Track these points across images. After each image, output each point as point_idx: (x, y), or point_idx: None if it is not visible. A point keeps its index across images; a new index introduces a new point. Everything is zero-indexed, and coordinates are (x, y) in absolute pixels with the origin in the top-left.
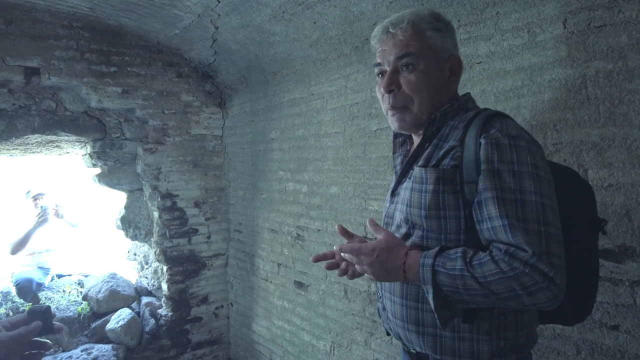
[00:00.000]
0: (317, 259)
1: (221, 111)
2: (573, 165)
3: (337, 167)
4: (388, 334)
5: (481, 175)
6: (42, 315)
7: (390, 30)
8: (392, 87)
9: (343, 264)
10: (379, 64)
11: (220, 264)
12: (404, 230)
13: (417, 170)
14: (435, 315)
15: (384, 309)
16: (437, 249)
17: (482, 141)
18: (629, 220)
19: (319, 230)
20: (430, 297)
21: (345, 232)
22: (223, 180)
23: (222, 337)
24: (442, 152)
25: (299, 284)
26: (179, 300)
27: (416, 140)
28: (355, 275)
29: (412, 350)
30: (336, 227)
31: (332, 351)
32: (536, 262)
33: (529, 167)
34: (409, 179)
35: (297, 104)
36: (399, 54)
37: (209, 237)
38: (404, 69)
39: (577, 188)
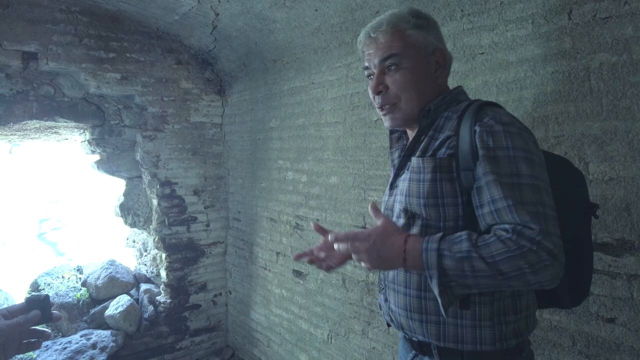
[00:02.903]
0: (298, 257)
1: (221, 99)
2: (574, 158)
3: (337, 157)
4: (389, 325)
5: (479, 161)
6: (41, 304)
7: (372, 35)
8: (380, 88)
9: (322, 254)
10: (367, 68)
11: (219, 252)
12: (402, 220)
13: (414, 161)
14: (439, 300)
15: (385, 300)
16: (439, 234)
17: (477, 129)
18: (628, 214)
19: (318, 219)
20: (434, 282)
21: (320, 229)
22: (222, 169)
23: (220, 325)
24: (437, 142)
25: (298, 273)
26: (178, 287)
27: (411, 134)
28: (330, 267)
29: (413, 339)
30: (312, 225)
31: (330, 340)
32: (542, 240)
33: (523, 152)
34: (407, 170)
35: (298, 92)
36: (382, 57)
37: (208, 225)
38: (389, 69)
39: (568, 174)
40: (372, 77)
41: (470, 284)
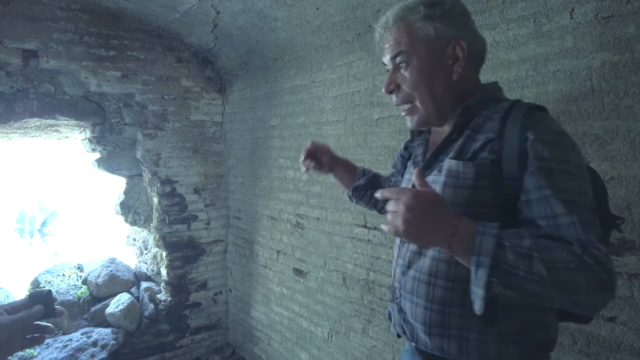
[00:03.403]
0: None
1: (221, 97)
2: None
3: None
4: (399, 336)
5: (531, 171)
6: (44, 299)
7: (381, 32)
8: (391, 87)
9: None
10: (384, 63)
11: (219, 250)
12: None
13: (452, 164)
14: (480, 293)
15: (400, 311)
16: (496, 224)
17: (530, 136)
18: (629, 213)
19: (318, 218)
20: (483, 272)
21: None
22: (223, 167)
23: (220, 323)
24: (477, 144)
25: (298, 271)
26: (178, 285)
27: (435, 132)
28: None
29: (427, 351)
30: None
31: (330, 338)
32: (608, 264)
33: (578, 167)
34: (438, 172)
35: (298, 91)
36: (392, 54)
37: (208, 224)
38: (400, 66)
39: (597, 186)
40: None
41: (515, 285)
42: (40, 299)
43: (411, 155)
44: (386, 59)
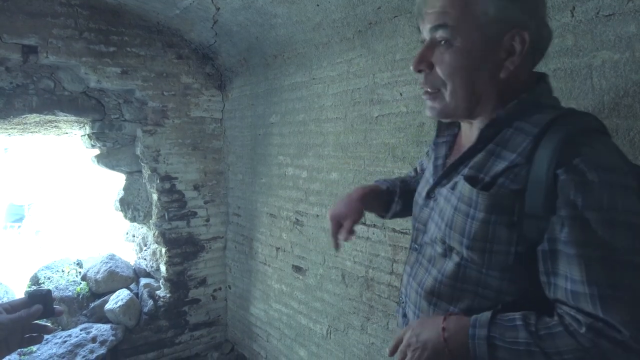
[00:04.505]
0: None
1: (221, 94)
2: None
3: (338, 153)
4: None
5: (559, 219)
6: (43, 299)
7: None
8: (421, 66)
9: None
10: (419, 30)
11: (218, 247)
12: (439, 250)
13: (466, 188)
14: None
15: (403, 315)
16: (488, 315)
17: (562, 176)
18: None
19: (317, 215)
20: None
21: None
22: (222, 164)
23: (219, 319)
24: (500, 166)
25: (297, 268)
26: (177, 282)
27: (465, 127)
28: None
29: None
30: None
31: (329, 335)
32: (635, 344)
33: (625, 215)
34: (452, 188)
35: (298, 88)
36: (432, 24)
37: (207, 220)
38: (441, 44)
39: None
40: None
41: None
42: (40, 299)
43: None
44: (425, 27)
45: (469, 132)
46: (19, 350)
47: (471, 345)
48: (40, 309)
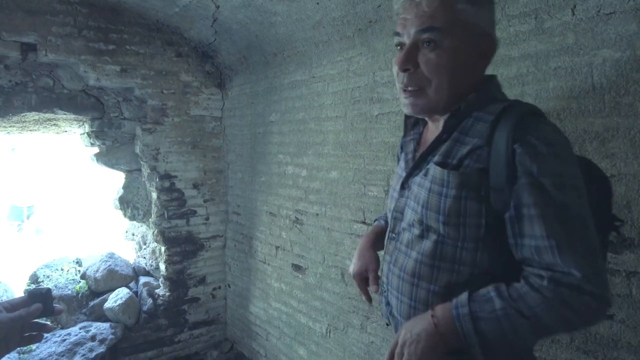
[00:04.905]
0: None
1: (220, 92)
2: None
3: (337, 152)
4: (388, 325)
5: (519, 187)
6: (43, 298)
7: None
8: (408, 65)
9: None
10: (398, 34)
11: (218, 245)
12: (417, 231)
13: (437, 171)
14: None
15: (387, 304)
16: (465, 295)
17: (518, 149)
18: (629, 211)
19: (317, 214)
20: (477, 350)
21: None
22: (222, 162)
23: (219, 318)
24: (464, 149)
25: (297, 267)
26: (177, 280)
27: (432, 127)
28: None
29: None
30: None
31: (329, 334)
32: (586, 285)
33: (571, 178)
34: (424, 174)
35: (298, 86)
36: (421, 27)
37: (207, 219)
38: (425, 45)
39: (596, 183)
40: (401, 47)
41: (514, 342)
42: (39, 297)
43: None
44: (409, 29)
45: (435, 128)
46: (18, 349)
47: (458, 324)
48: (39, 308)
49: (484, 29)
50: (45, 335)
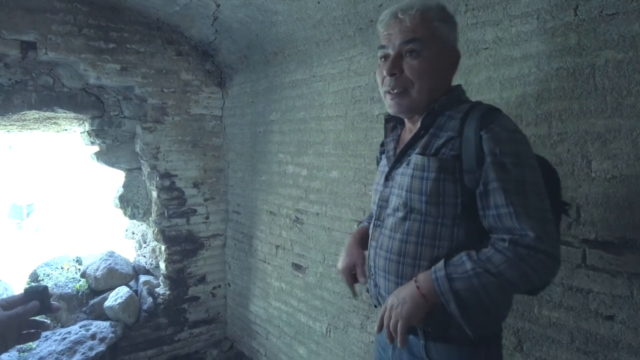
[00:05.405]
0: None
1: (221, 91)
2: (577, 155)
3: (338, 151)
4: (376, 306)
5: (485, 166)
6: (40, 295)
7: (399, 15)
8: (395, 70)
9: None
10: (383, 47)
11: (218, 244)
12: (401, 214)
13: (418, 158)
14: (462, 322)
15: (375, 285)
16: (442, 261)
17: (484, 135)
18: (630, 212)
19: (317, 214)
20: (454, 307)
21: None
22: (222, 161)
23: (219, 317)
24: (440, 141)
25: (297, 266)
26: (177, 279)
27: (409, 126)
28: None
29: None
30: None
31: (329, 333)
32: (540, 244)
33: (527, 158)
34: (406, 165)
35: (299, 85)
36: (405, 39)
37: (207, 218)
38: (408, 54)
39: (546, 175)
40: (385, 59)
41: (483, 298)
42: (36, 295)
43: (384, 150)
44: (394, 41)
45: (413, 128)
46: (18, 347)
47: (436, 285)
48: (37, 306)
49: (452, 43)
50: (45, 333)
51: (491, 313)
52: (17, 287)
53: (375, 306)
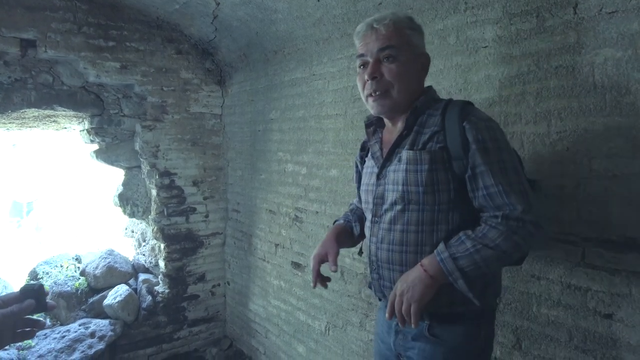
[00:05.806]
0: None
1: (221, 89)
2: (577, 153)
3: (337, 150)
4: (380, 299)
5: (471, 153)
6: (35, 294)
7: (375, 25)
8: (376, 74)
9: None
10: (362, 55)
11: (217, 243)
12: (399, 207)
13: (410, 154)
14: (470, 296)
15: (379, 278)
16: (442, 244)
17: (467, 126)
18: (630, 211)
19: (317, 212)
20: (461, 283)
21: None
22: (222, 160)
23: (218, 315)
24: (425, 137)
25: (296, 265)
26: (176, 277)
27: (389, 127)
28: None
29: None
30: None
31: (327, 331)
32: (526, 215)
33: (504, 142)
34: (398, 162)
35: (298, 84)
36: (382, 46)
37: (206, 216)
38: (386, 60)
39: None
40: (364, 66)
41: (485, 271)
42: (32, 293)
43: (368, 152)
44: (372, 49)
45: (394, 129)
46: (17, 345)
47: (443, 266)
48: (32, 304)
49: (421, 49)
50: (45, 331)
51: (490, 286)
52: (17, 285)
53: (380, 299)
